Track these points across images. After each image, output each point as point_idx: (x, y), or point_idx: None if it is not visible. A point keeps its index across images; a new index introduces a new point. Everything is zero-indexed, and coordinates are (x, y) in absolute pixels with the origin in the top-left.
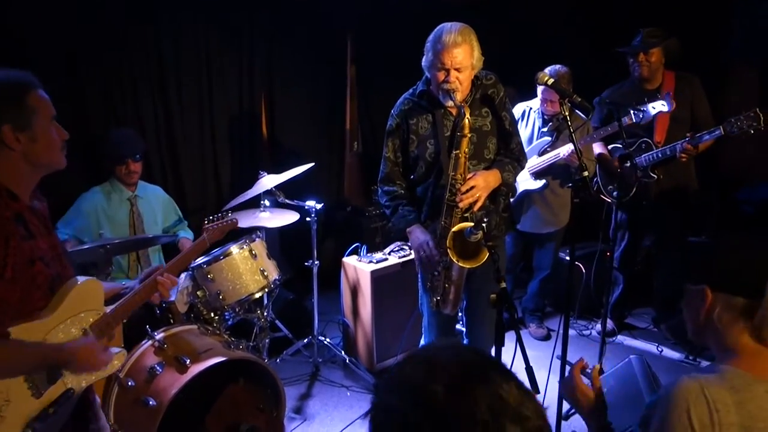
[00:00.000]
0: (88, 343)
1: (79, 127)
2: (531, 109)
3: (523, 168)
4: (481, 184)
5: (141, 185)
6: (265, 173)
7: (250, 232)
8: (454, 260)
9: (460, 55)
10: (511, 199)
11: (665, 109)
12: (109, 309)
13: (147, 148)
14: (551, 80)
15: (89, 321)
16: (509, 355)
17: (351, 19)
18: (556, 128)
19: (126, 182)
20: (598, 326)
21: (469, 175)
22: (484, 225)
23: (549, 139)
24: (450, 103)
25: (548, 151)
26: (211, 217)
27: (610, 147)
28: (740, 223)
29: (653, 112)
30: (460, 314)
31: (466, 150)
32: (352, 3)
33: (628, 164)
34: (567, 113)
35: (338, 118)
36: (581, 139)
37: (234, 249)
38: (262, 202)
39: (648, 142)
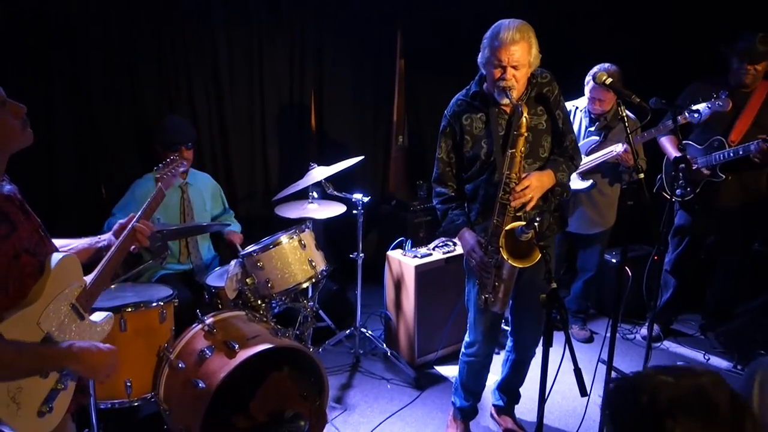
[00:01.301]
0: (104, 350)
1: (136, 115)
2: (577, 108)
3: (577, 167)
4: (534, 184)
5: (191, 173)
6: (315, 165)
7: (299, 223)
8: (506, 259)
9: (518, 53)
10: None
11: (722, 110)
12: (89, 278)
13: (199, 136)
14: (610, 80)
15: (75, 295)
16: (557, 356)
17: (401, 13)
18: (604, 127)
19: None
20: (643, 330)
21: (523, 175)
22: (536, 224)
23: (597, 138)
24: (505, 101)
25: (595, 151)
26: (160, 166)
27: (684, 142)
28: None
29: (708, 111)
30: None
31: (523, 149)
32: None
33: (683, 166)
34: (624, 114)
35: (385, 111)
36: (622, 144)
37: (284, 239)
38: (310, 193)
39: (721, 140)
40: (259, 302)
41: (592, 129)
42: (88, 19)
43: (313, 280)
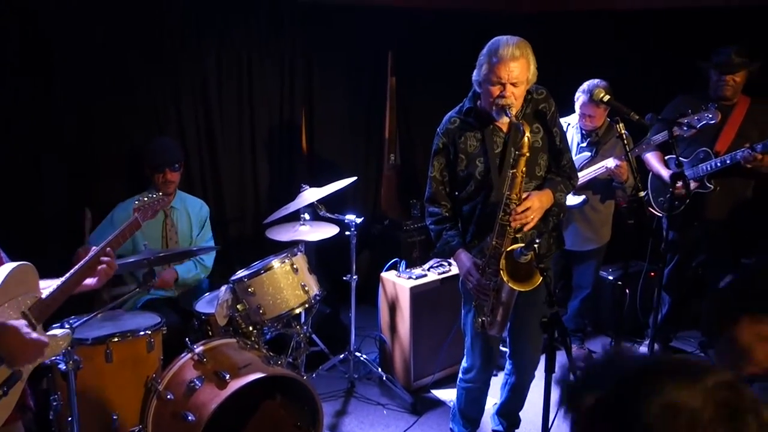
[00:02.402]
0: (10, 325)
1: (123, 138)
2: (569, 124)
3: (575, 186)
4: (536, 205)
5: (179, 197)
6: (307, 186)
7: (291, 246)
8: (506, 282)
9: (517, 70)
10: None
11: (713, 122)
12: (45, 292)
13: (187, 158)
14: (608, 97)
15: (27, 304)
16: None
17: (391, 32)
18: (595, 143)
19: (164, 191)
20: (642, 348)
21: (524, 195)
22: (536, 246)
23: (588, 154)
24: (504, 120)
25: (587, 167)
26: (143, 198)
27: (667, 158)
28: None
29: (698, 124)
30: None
31: (524, 169)
32: (393, 18)
33: (681, 184)
34: (622, 131)
35: (376, 130)
36: (616, 159)
37: (275, 263)
38: (301, 215)
39: (707, 152)
40: (251, 329)
41: (584, 145)
42: (75, 40)
43: (306, 305)
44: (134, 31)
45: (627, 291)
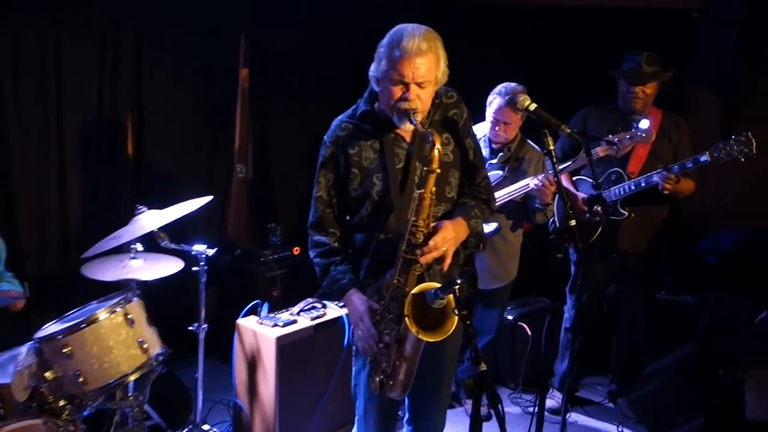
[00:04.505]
0: None
1: None
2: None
3: (493, 210)
4: (450, 235)
5: None
6: (145, 208)
7: (119, 288)
8: (413, 331)
9: (424, 67)
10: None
11: (644, 141)
12: None
13: None
14: (534, 105)
15: None
16: None
17: (246, 13)
18: (507, 160)
19: None
20: (551, 402)
21: (433, 224)
22: (456, 287)
23: (500, 173)
24: (407, 126)
25: (499, 188)
26: None
27: (575, 179)
28: (707, 274)
29: (629, 141)
30: None
31: (434, 189)
32: None
33: (599, 209)
34: (552, 147)
35: (224, 134)
36: (540, 175)
37: (102, 313)
38: (132, 246)
39: (619, 172)
40: (63, 404)
41: (494, 161)
42: None
43: (145, 369)
44: None
45: (530, 333)
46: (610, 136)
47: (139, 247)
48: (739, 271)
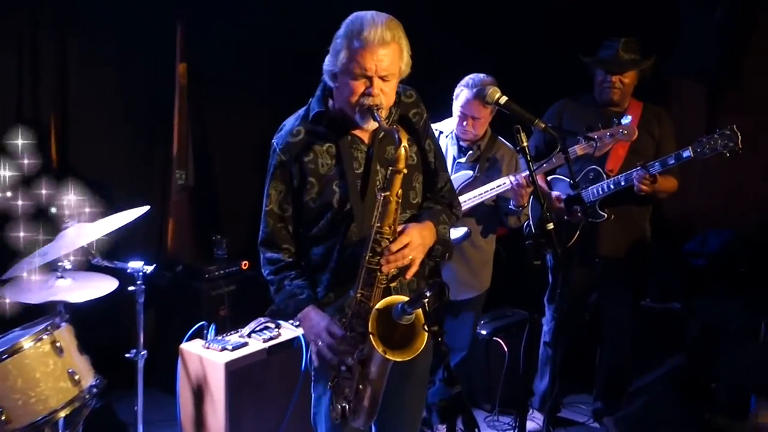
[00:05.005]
0: None
1: None
2: (441, 133)
3: (458, 216)
4: (416, 241)
5: None
6: (74, 222)
7: (45, 312)
8: (379, 351)
9: (387, 59)
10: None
11: (626, 138)
12: None
13: None
14: (505, 98)
15: None
16: None
17: None
18: (477, 158)
19: None
20: (529, 424)
21: (399, 228)
22: (425, 300)
23: (470, 173)
24: (367, 126)
25: (469, 189)
26: None
27: (550, 178)
28: (695, 277)
29: (610, 139)
30: None
31: (400, 191)
32: None
33: (578, 209)
34: (525, 143)
35: (161, 138)
36: (514, 175)
37: (26, 342)
38: (59, 264)
39: (598, 170)
40: None
41: (463, 161)
42: None
43: (77, 403)
44: None
45: (506, 349)
46: (590, 132)
47: (67, 265)
48: (728, 273)
